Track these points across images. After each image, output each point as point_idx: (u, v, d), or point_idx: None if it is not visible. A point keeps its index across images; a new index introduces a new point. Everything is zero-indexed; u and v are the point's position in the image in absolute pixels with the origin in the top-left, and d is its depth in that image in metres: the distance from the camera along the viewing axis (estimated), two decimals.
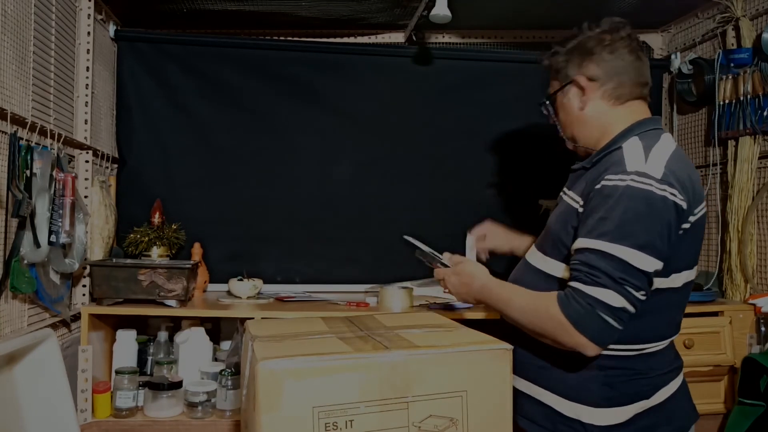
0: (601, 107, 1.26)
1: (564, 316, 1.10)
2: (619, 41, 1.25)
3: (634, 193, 1.09)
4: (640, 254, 1.08)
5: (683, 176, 1.13)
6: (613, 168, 1.15)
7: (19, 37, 1.54)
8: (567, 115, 1.31)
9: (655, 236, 1.08)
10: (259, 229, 2.34)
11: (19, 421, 1.48)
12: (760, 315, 1.98)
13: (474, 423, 1.02)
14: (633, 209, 1.08)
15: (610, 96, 1.25)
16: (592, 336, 1.09)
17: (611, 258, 1.08)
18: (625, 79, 1.24)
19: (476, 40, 2.59)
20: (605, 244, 1.09)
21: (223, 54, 2.32)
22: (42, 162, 1.55)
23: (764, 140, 2.07)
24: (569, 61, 1.28)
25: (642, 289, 1.09)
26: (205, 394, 1.83)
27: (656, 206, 1.09)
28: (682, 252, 1.16)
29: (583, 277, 1.10)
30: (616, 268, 1.07)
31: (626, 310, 1.09)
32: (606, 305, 1.07)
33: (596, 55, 1.25)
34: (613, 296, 1.07)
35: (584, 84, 1.26)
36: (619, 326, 1.09)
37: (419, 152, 2.42)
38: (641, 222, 1.08)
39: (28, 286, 1.51)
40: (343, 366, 0.97)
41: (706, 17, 2.34)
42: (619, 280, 1.07)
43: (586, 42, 1.27)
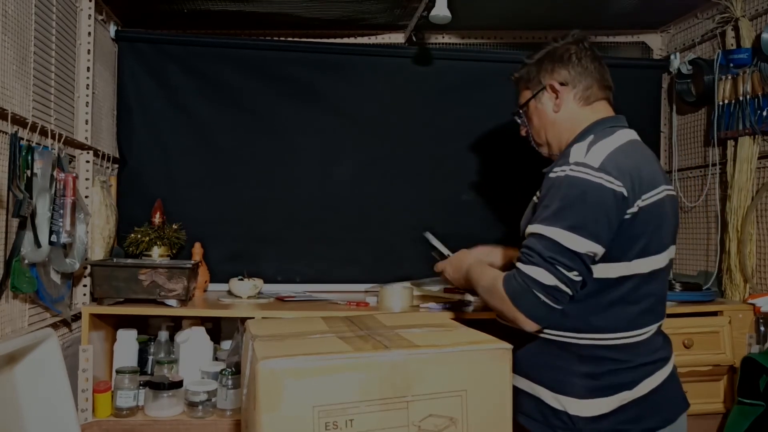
0: (573, 108, 1.35)
1: (505, 292, 1.19)
2: (583, 50, 1.36)
3: (571, 182, 1.18)
4: (571, 235, 1.15)
5: (625, 165, 1.19)
6: (559, 162, 1.25)
7: (19, 38, 1.54)
8: (541, 119, 1.40)
9: (587, 219, 1.15)
10: (260, 229, 2.34)
11: (19, 420, 1.48)
12: (759, 315, 1.98)
13: (474, 422, 1.02)
14: (568, 195, 1.17)
15: (581, 98, 1.35)
16: (526, 311, 1.17)
17: (544, 239, 1.17)
18: (591, 81, 1.35)
19: (476, 41, 2.59)
20: (541, 227, 1.18)
21: (223, 54, 2.32)
22: (43, 162, 1.55)
23: (763, 140, 2.07)
24: (541, 69, 1.38)
25: (574, 269, 1.16)
26: (206, 393, 1.83)
27: (591, 192, 1.16)
28: (636, 237, 1.20)
29: (522, 257, 1.20)
30: (547, 248, 1.16)
31: (558, 288, 1.15)
32: (538, 282, 1.15)
33: (565, 61, 1.35)
34: (543, 274, 1.15)
35: (558, 88, 1.35)
36: (555, 305, 1.16)
37: (419, 152, 2.42)
38: (575, 206, 1.16)
39: (28, 286, 1.51)
40: (343, 365, 0.97)
41: (705, 17, 2.34)
42: (549, 259, 1.15)
43: (556, 51, 1.37)
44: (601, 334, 1.22)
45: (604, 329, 1.22)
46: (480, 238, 1.83)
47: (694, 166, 2.41)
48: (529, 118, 1.43)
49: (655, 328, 1.28)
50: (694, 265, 2.41)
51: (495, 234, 2.32)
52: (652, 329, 1.27)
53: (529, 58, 1.42)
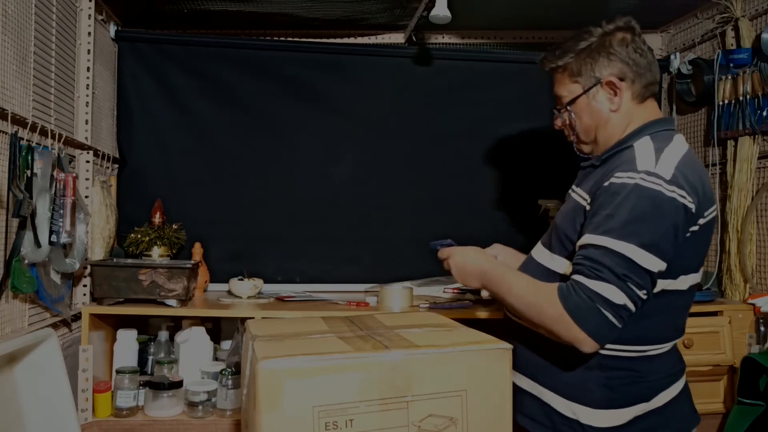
0: (629, 106, 1.24)
1: (563, 307, 1.08)
2: (639, 38, 1.24)
3: (643, 192, 1.09)
4: (645, 253, 1.07)
5: (694, 179, 1.12)
6: (623, 166, 1.14)
7: (19, 38, 1.54)
8: (593, 117, 1.26)
9: (660, 236, 1.08)
10: (260, 228, 2.34)
11: (19, 420, 1.48)
12: (759, 315, 1.98)
13: (474, 422, 1.02)
14: (640, 208, 1.08)
15: (637, 95, 1.24)
16: (590, 331, 1.07)
17: (616, 254, 1.07)
18: (648, 77, 1.24)
19: (476, 41, 2.59)
20: (611, 240, 1.08)
21: (223, 54, 2.32)
22: (43, 162, 1.55)
23: (763, 140, 2.07)
24: (595, 61, 1.24)
25: (644, 288, 1.08)
26: (206, 393, 1.84)
27: (664, 207, 1.08)
28: (690, 254, 1.15)
29: (586, 270, 1.09)
30: (620, 265, 1.06)
31: (627, 307, 1.07)
32: (607, 300, 1.06)
33: (622, 54, 1.22)
34: (615, 292, 1.06)
35: (618, 84, 1.23)
36: (619, 324, 1.07)
37: (419, 152, 2.42)
38: (648, 221, 1.07)
39: (28, 286, 1.51)
40: (343, 365, 0.97)
41: (705, 17, 2.34)
42: (622, 277, 1.06)
43: (609, 40, 1.24)
44: (627, 346, 1.17)
45: (631, 341, 1.17)
46: (480, 238, 1.83)
47: None
48: (577, 113, 1.28)
49: (677, 341, 1.25)
50: None
51: (495, 234, 2.30)
52: (675, 342, 1.24)
53: (574, 45, 1.26)
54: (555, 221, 1.30)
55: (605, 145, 1.27)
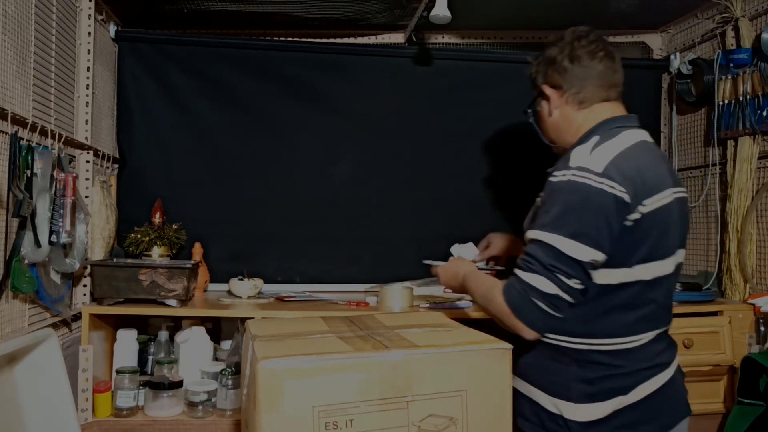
0: (568, 112, 1.33)
1: (504, 301, 1.18)
2: (580, 49, 1.31)
3: (573, 187, 1.16)
4: (572, 242, 1.13)
5: (629, 170, 1.17)
6: (560, 165, 1.22)
7: (19, 38, 1.55)
8: (542, 121, 1.40)
9: (589, 226, 1.13)
10: (260, 228, 2.34)
11: (19, 420, 1.48)
12: (759, 315, 1.98)
13: (474, 422, 1.02)
14: (569, 201, 1.15)
15: (573, 101, 1.32)
16: (526, 320, 1.16)
17: (545, 246, 1.15)
18: (586, 84, 1.30)
19: (476, 41, 2.59)
20: (541, 233, 1.16)
21: (223, 54, 2.32)
22: (43, 162, 1.55)
23: (763, 140, 2.07)
24: (538, 72, 1.37)
25: (575, 277, 1.14)
26: (206, 393, 1.84)
27: (591, 198, 1.14)
28: (638, 243, 1.18)
29: (522, 264, 1.18)
30: (548, 255, 1.14)
31: (559, 296, 1.14)
32: (538, 291, 1.14)
33: (558, 64, 1.32)
34: (543, 282, 1.14)
35: (548, 92, 1.34)
36: (555, 313, 1.15)
37: (419, 152, 2.42)
38: (576, 213, 1.14)
39: (28, 286, 1.51)
40: (343, 365, 0.97)
41: (705, 17, 2.34)
42: (550, 267, 1.13)
43: (551, 53, 1.34)
44: (598, 339, 1.21)
45: (601, 334, 1.21)
46: (480, 238, 1.83)
47: (694, 166, 2.41)
48: (535, 117, 1.43)
49: (653, 335, 1.26)
50: (694, 265, 2.41)
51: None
52: (650, 336, 1.25)
53: (535, 58, 1.40)
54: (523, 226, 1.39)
55: (564, 146, 1.36)
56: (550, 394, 1.24)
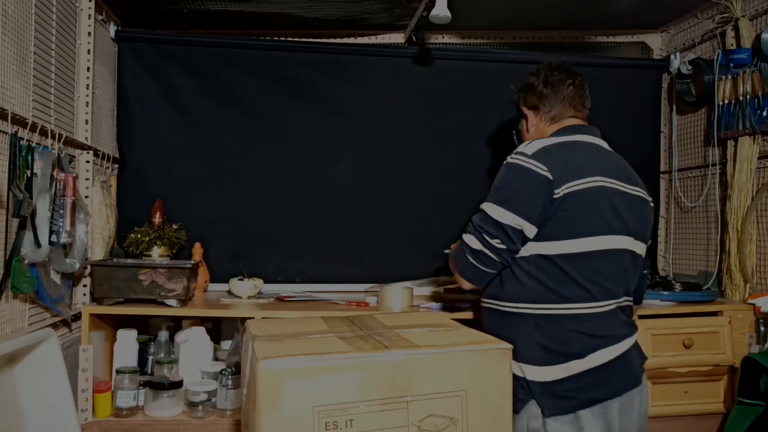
0: (542, 128, 1.57)
1: (450, 257, 1.50)
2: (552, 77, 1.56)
3: (509, 166, 1.40)
4: (497, 207, 1.36)
5: (557, 155, 1.38)
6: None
7: (19, 38, 1.55)
8: (522, 138, 1.64)
9: (513, 196, 1.36)
10: (260, 228, 2.34)
11: (19, 420, 1.48)
12: (759, 315, 1.98)
13: (474, 422, 1.02)
14: (504, 177, 1.41)
15: (546, 118, 1.57)
16: (460, 271, 1.45)
17: (479, 212, 1.41)
18: (555, 103, 1.55)
19: (476, 41, 2.59)
20: (483, 204, 1.41)
21: (223, 54, 2.32)
22: (43, 162, 1.55)
23: (763, 140, 2.07)
24: (519, 98, 1.64)
25: (497, 238, 1.36)
26: (206, 393, 1.84)
27: (520, 174, 1.37)
28: (566, 218, 1.34)
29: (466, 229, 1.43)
30: (480, 219, 1.40)
31: (484, 253, 1.38)
32: (469, 247, 1.40)
33: (533, 90, 1.58)
34: (472, 240, 1.40)
35: (526, 112, 1.61)
36: (483, 267, 1.40)
37: (419, 152, 2.43)
38: (506, 185, 1.39)
39: (28, 286, 1.51)
40: (343, 365, 0.97)
41: (705, 17, 2.34)
42: (478, 228, 1.39)
43: (527, 81, 1.61)
44: (553, 305, 1.35)
45: (554, 300, 1.35)
46: None
47: (694, 166, 2.41)
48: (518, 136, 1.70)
49: (609, 308, 1.38)
50: (694, 265, 2.41)
51: None
52: (605, 306, 1.37)
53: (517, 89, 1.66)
54: None
55: None
56: (517, 360, 1.34)
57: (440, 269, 2.34)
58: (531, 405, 1.34)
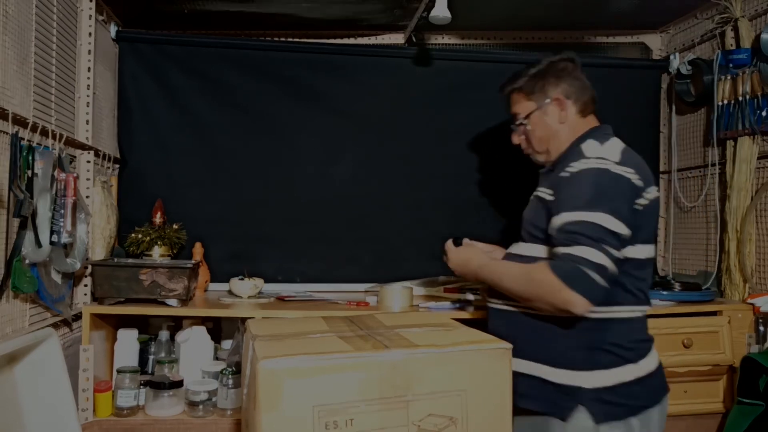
0: (574, 119, 1.46)
1: (554, 275, 1.21)
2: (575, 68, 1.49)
3: (598, 172, 1.28)
4: (611, 218, 1.23)
5: (636, 161, 1.33)
6: (574, 158, 1.34)
7: (20, 38, 1.55)
8: (545, 129, 1.48)
9: (618, 204, 1.26)
10: (260, 228, 2.34)
11: (20, 420, 1.48)
12: (758, 314, 1.98)
13: (474, 422, 1.03)
14: (599, 184, 1.27)
15: (579, 110, 1.47)
16: (581, 290, 1.19)
17: (588, 223, 1.23)
18: (586, 96, 1.47)
19: (476, 41, 2.59)
20: (580, 213, 1.24)
21: (224, 55, 2.32)
22: (43, 162, 1.55)
23: (763, 140, 2.08)
24: (545, 82, 1.47)
25: (617, 249, 1.24)
26: (206, 393, 1.84)
27: (617, 181, 1.28)
28: (643, 225, 1.31)
29: (566, 241, 1.24)
30: (594, 230, 1.22)
31: (607, 267, 1.21)
32: (589, 261, 1.20)
33: (565, 77, 1.47)
34: (594, 253, 1.20)
35: (563, 101, 1.46)
36: (604, 283, 1.20)
37: (419, 152, 2.43)
38: (607, 193, 1.26)
39: (29, 286, 1.52)
40: (344, 365, 0.98)
41: (705, 18, 2.34)
42: (598, 240, 1.21)
43: (556, 65, 1.48)
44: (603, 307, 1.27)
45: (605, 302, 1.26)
46: (480, 238, 1.83)
47: (694, 166, 2.41)
48: (532, 127, 1.50)
49: (645, 311, 1.39)
50: (693, 265, 2.41)
51: (495, 233, 2.32)
52: (645, 310, 1.38)
53: (527, 71, 1.50)
54: (523, 217, 1.48)
55: (556, 153, 1.47)
56: (558, 366, 1.29)
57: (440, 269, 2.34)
58: (579, 411, 1.27)
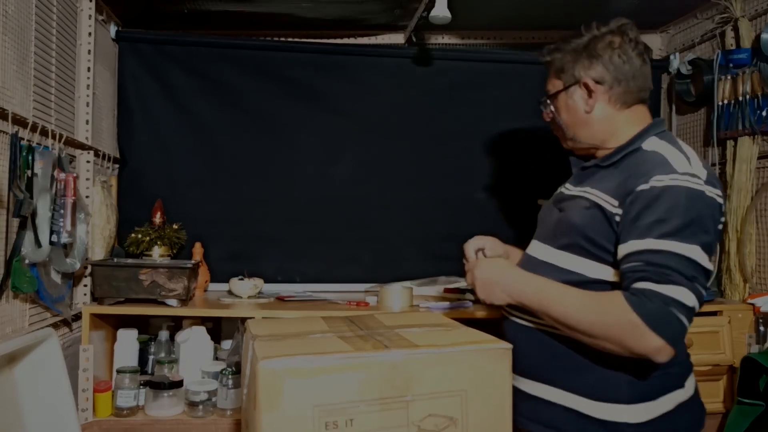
0: (607, 111, 1.25)
1: (638, 316, 1.03)
2: (628, 44, 1.24)
3: (690, 194, 1.08)
4: (704, 254, 1.07)
5: (714, 173, 1.15)
6: (659, 169, 1.12)
7: (20, 38, 1.55)
8: (570, 115, 1.28)
9: (712, 236, 1.09)
10: (260, 228, 2.34)
11: (20, 420, 1.48)
12: (759, 314, 1.98)
13: (474, 422, 1.02)
14: (693, 209, 1.07)
15: (617, 100, 1.24)
16: (669, 337, 1.03)
17: (682, 258, 1.05)
18: (632, 84, 1.23)
19: (476, 41, 2.59)
20: (673, 243, 1.06)
21: (224, 55, 2.32)
22: (43, 162, 1.55)
23: (763, 140, 2.08)
24: (576, 61, 1.25)
25: (705, 288, 1.08)
26: (206, 393, 1.84)
27: (710, 208, 1.10)
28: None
29: (653, 276, 1.05)
30: (688, 267, 1.05)
31: (695, 309, 1.06)
32: (682, 304, 1.03)
33: (604, 57, 1.23)
34: (687, 294, 1.04)
35: (592, 86, 1.24)
36: (689, 327, 1.06)
37: (419, 152, 2.43)
38: (703, 223, 1.08)
39: (29, 286, 1.51)
40: (344, 365, 0.97)
41: (705, 18, 2.34)
42: (692, 279, 1.05)
43: (595, 43, 1.24)
44: None
45: None
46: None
47: None
48: (557, 109, 1.31)
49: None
50: None
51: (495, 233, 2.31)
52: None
53: (566, 43, 1.27)
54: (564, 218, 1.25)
55: (587, 144, 1.28)
56: (595, 399, 1.16)
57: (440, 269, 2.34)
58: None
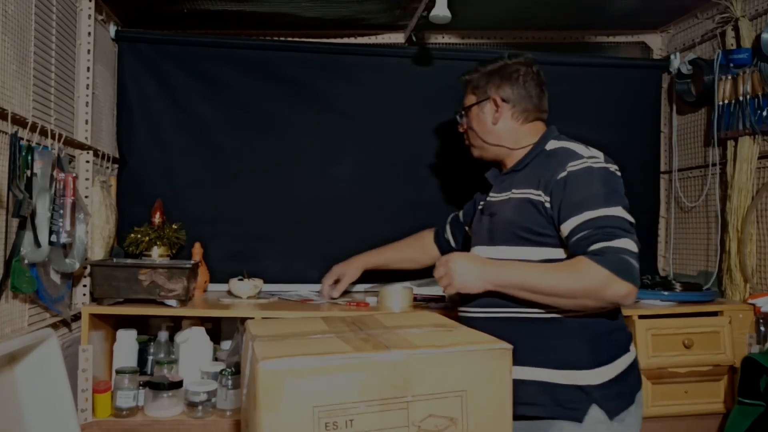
0: (510, 124, 1.53)
1: (603, 269, 1.21)
2: (531, 74, 1.53)
3: (600, 171, 1.34)
4: (626, 211, 1.31)
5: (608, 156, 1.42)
6: (568, 159, 1.37)
7: (19, 38, 1.54)
8: (479, 125, 1.57)
9: (625, 199, 1.34)
10: (260, 228, 2.34)
11: (19, 420, 1.48)
12: (759, 315, 1.98)
13: (474, 422, 1.02)
14: (606, 181, 1.33)
15: (519, 116, 1.52)
16: (631, 280, 1.22)
17: (616, 218, 1.28)
18: (530, 105, 1.52)
19: (476, 41, 2.59)
20: (604, 209, 1.28)
21: (223, 54, 2.32)
22: (42, 162, 1.55)
23: (763, 140, 2.07)
24: (489, 81, 1.54)
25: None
26: (206, 393, 1.83)
27: (617, 177, 1.37)
28: None
29: (603, 236, 1.25)
30: (623, 223, 1.28)
31: (638, 253, 1.26)
32: (630, 251, 1.24)
33: (512, 81, 1.52)
34: (631, 243, 1.25)
35: (499, 103, 1.52)
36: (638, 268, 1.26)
37: (419, 152, 2.42)
38: (616, 189, 1.34)
39: (28, 286, 1.51)
40: (344, 365, 0.97)
41: (705, 17, 2.34)
42: (629, 230, 1.28)
43: (506, 68, 1.53)
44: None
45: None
46: None
47: (694, 166, 2.41)
48: (470, 119, 1.60)
49: None
50: (694, 265, 2.41)
51: None
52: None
53: (483, 66, 1.57)
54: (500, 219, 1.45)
55: (492, 152, 1.56)
56: (561, 368, 1.32)
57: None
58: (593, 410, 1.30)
